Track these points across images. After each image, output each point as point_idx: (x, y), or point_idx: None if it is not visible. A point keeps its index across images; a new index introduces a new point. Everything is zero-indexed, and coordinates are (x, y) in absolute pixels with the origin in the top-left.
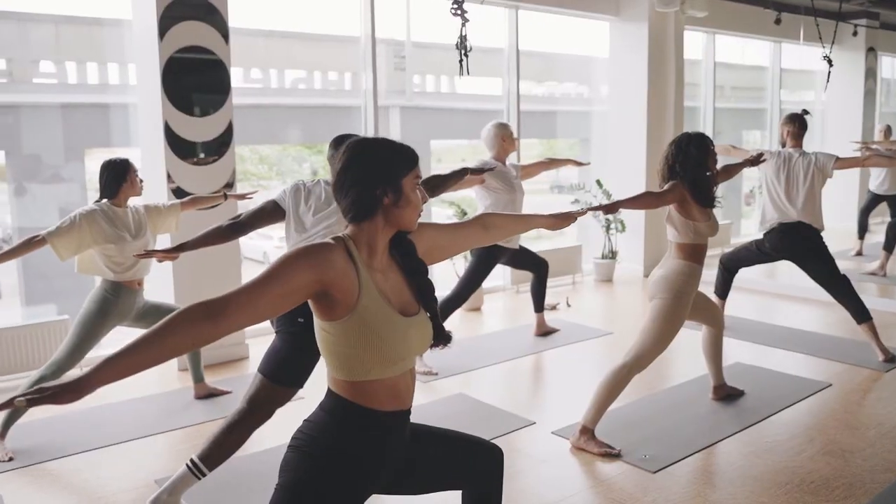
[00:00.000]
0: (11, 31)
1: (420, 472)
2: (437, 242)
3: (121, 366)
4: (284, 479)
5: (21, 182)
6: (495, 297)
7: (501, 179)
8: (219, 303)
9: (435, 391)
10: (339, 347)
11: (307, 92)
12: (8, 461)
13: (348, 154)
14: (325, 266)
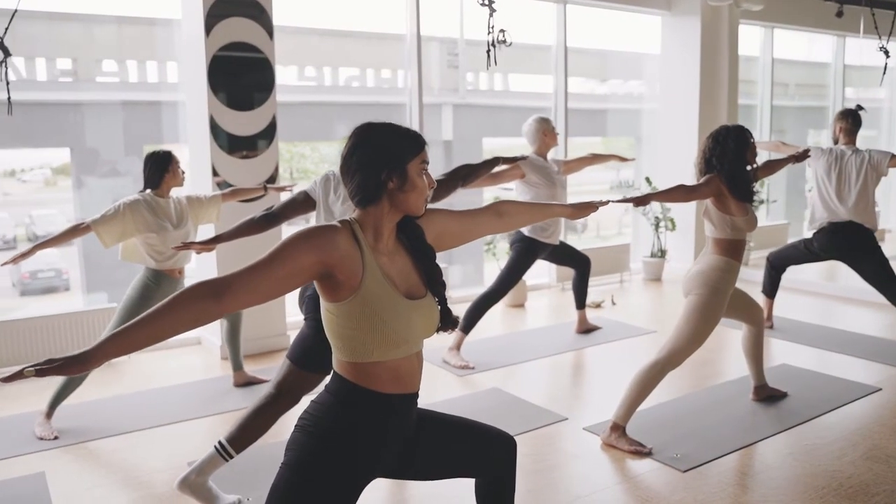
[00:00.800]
0: (77, 31)
1: (427, 459)
2: (449, 228)
3: (126, 341)
4: (288, 457)
5: (83, 176)
6: (539, 294)
7: (542, 174)
8: (223, 281)
9: (470, 385)
10: (343, 329)
11: (360, 90)
12: (53, 439)
13: (354, 139)
14: (329, 248)
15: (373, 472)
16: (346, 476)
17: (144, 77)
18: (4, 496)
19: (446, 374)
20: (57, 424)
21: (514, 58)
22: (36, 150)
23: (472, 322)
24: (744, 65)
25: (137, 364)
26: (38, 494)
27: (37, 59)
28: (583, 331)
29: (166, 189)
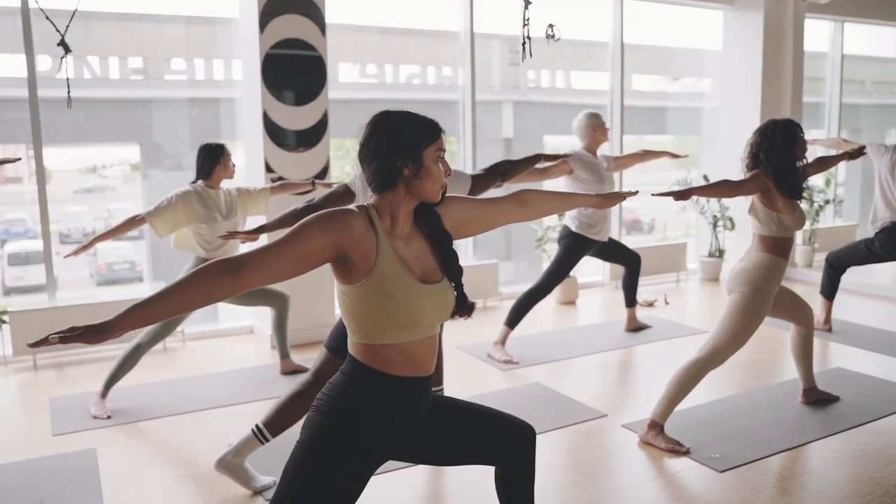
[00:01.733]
0: (147, 31)
1: (442, 444)
2: (469, 216)
3: (144, 313)
4: (303, 435)
5: (151, 171)
6: (592, 291)
7: (591, 170)
8: (239, 260)
9: (512, 379)
10: (356, 310)
11: (420, 87)
12: (106, 418)
13: (371, 126)
14: (343, 231)
15: (385, 454)
16: (357, 455)
17: (211, 75)
18: (57, 469)
19: (489, 368)
20: (111, 405)
21: (575, 55)
22: (117, 148)
23: (518, 317)
24: (811, 61)
25: (191, 351)
26: (89, 469)
27: (110, 59)
28: (632, 329)
29: (217, 180)
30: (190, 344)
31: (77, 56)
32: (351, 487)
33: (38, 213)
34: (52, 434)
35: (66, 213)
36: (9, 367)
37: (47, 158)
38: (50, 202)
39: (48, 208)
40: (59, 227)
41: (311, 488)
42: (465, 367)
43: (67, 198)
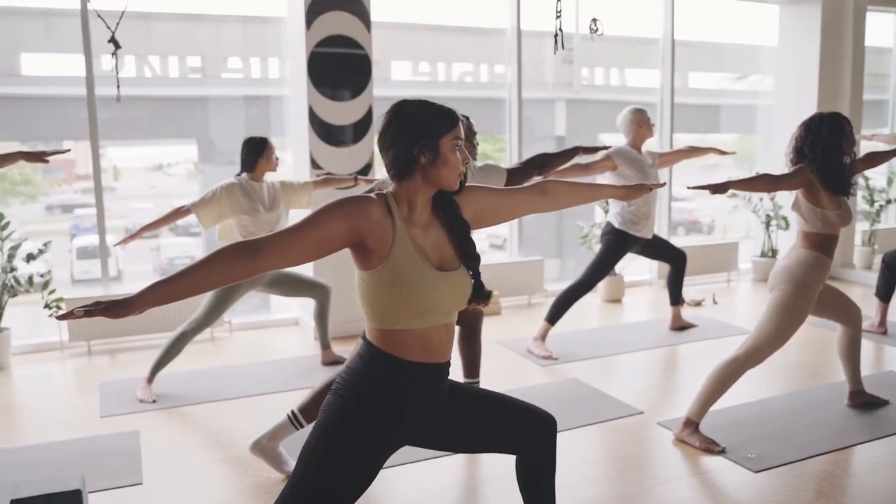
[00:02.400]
0: (205, 30)
1: (459, 431)
2: (489, 206)
3: (165, 290)
4: (320, 418)
5: (206, 167)
6: (639, 290)
7: (635, 167)
8: (258, 242)
9: (551, 374)
10: (372, 296)
11: (473, 84)
12: (152, 402)
13: (389, 115)
14: (361, 217)
15: (400, 439)
16: (371, 439)
17: (266, 73)
18: (101, 448)
19: (528, 363)
20: (157, 390)
21: (630, 52)
22: (177, 145)
23: (559, 313)
24: (872, 56)
25: (237, 340)
26: (131, 449)
27: (169, 58)
28: (676, 328)
29: (260, 173)
30: (237, 334)
31: (138, 55)
32: (365, 469)
33: (105, 206)
34: (100, 415)
35: (132, 209)
36: (65, 352)
37: (116, 157)
38: (118, 199)
39: (114, 205)
40: (125, 222)
41: (325, 469)
42: (504, 361)
43: (137, 194)
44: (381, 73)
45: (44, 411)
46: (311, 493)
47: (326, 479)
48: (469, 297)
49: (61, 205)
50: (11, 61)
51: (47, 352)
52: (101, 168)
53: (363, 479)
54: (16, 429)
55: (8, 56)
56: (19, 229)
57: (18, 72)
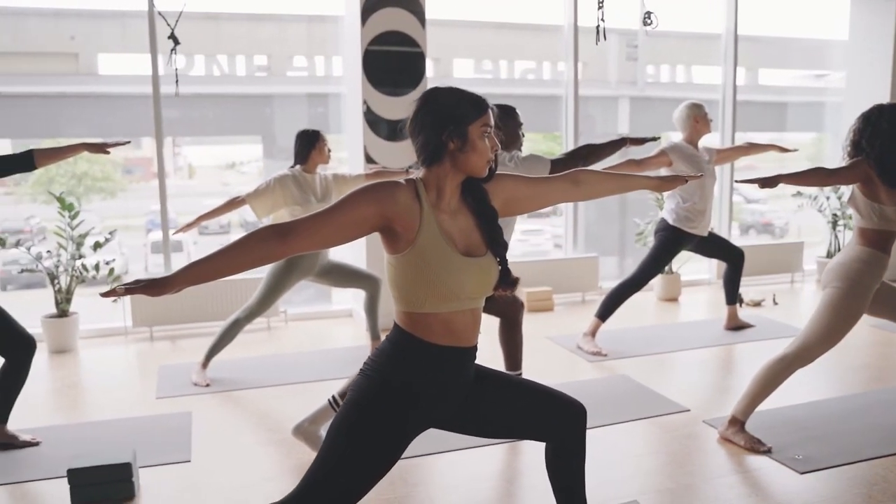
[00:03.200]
0: (271, 30)
1: (486, 415)
2: (519, 194)
3: (200, 270)
4: (347, 397)
5: (270, 162)
6: (697, 289)
7: (691, 163)
8: (289, 224)
9: (599, 370)
10: (399, 280)
11: (536, 82)
12: (205, 386)
13: (420, 101)
14: (389, 202)
15: (425, 421)
16: (395, 418)
17: (330, 71)
18: (155, 427)
19: (577, 359)
20: (211, 374)
21: (698, 48)
22: (244, 142)
23: (610, 310)
24: None
25: (292, 330)
26: (182, 429)
27: (237, 57)
28: (732, 327)
29: (313, 165)
30: (292, 324)
31: (207, 55)
32: (389, 448)
33: (181, 205)
34: (156, 397)
35: (205, 206)
36: (129, 337)
37: (191, 155)
38: (192, 195)
39: (188, 202)
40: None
41: (350, 448)
42: (553, 357)
43: (210, 191)
44: (443, 70)
45: (105, 391)
46: (338, 469)
47: (351, 456)
48: (496, 284)
49: (138, 200)
50: (90, 61)
51: (112, 336)
52: (178, 166)
53: (387, 458)
54: (79, 407)
55: (87, 56)
56: (99, 224)
57: (96, 71)
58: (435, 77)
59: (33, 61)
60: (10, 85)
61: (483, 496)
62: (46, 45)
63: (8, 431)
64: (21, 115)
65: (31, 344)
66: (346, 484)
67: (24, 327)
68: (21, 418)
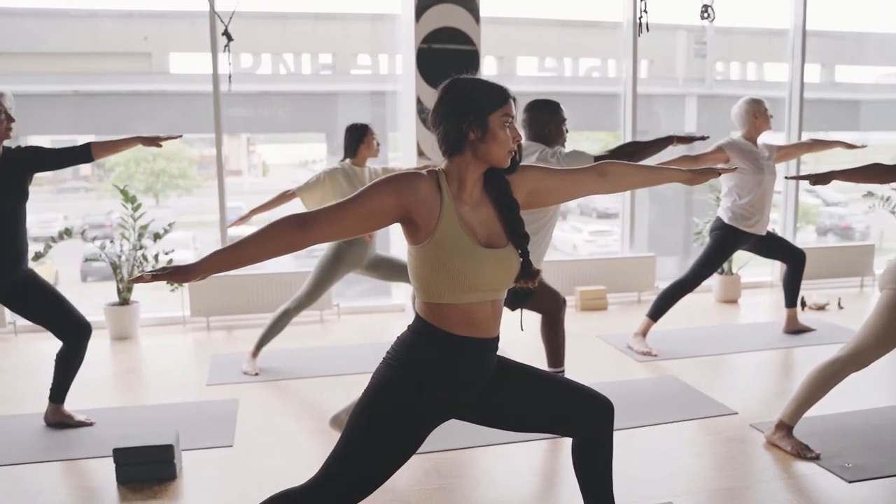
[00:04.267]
0: (337, 28)
1: (509, 408)
2: (544, 186)
3: (224, 258)
4: (369, 385)
5: (334, 160)
6: (759, 292)
7: (749, 159)
8: (309, 214)
9: (647, 370)
10: (419, 270)
11: (601, 80)
12: (255, 375)
13: (441, 92)
14: (409, 192)
15: (444, 410)
16: (414, 408)
17: (394, 69)
18: (202, 413)
19: (626, 359)
20: (261, 364)
21: (770, 45)
22: (308, 139)
23: (662, 310)
24: None
25: (344, 323)
26: (227, 415)
27: (303, 55)
28: (791, 331)
29: (362, 158)
30: (344, 317)
31: (274, 54)
32: (408, 436)
33: (255, 202)
34: (206, 384)
35: None
36: (186, 326)
37: (266, 153)
38: (267, 192)
39: (261, 200)
40: (269, 215)
41: (369, 435)
42: (602, 355)
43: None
44: (507, 68)
45: (159, 377)
46: (357, 456)
47: (370, 444)
48: (516, 276)
49: (214, 197)
50: (161, 60)
51: (171, 325)
52: (252, 164)
53: (406, 446)
54: (133, 391)
55: (159, 56)
56: (175, 219)
57: (167, 70)
58: (499, 75)
59: (108, 61)
60: (87, 84)
61: (517, 492)
62: (120, 46)
63: (64, 411)
64: (96, 113)
65: (87, 329)
66: (365, 470)
67: (82, 314)
68: (79, 400)
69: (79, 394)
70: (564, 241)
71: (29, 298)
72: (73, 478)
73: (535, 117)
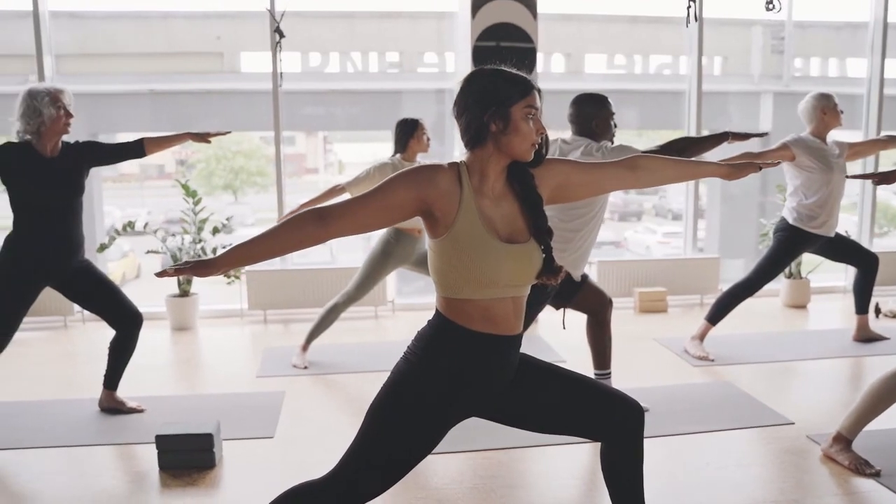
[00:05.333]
0: (404, 27)
1: (530, 407)
2: (572, 180)
3: (243, 253)
4: (387, 379)
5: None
6: (829, 297)
7: (817, 157)
8: (327, 208)
9: (702, 375)
10: (437, 264)
11: (673, 77)
12: (303, 368)
13: (463, 82)
14: (427, 185)
15: (463, 407)
16: (432, 404)
17: (460, 67)
18: (247, 404)
19: (681, 362)
20: (311, 357)
21: (853, 40)
22: (387, 141)
23: (720, 313)
24: None
25: (398, 319)
26: (272, 407)
27: (370, 54)
28: (862, 339)
29: (412, 153)
30: (399, 314)
31: (342, 52)
32: (425, 433)
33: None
34: (256, 376)
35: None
36: (244, 319)
37: (342, 151)
38: None
39: (340, 197)
40: None
41: (385, 430)
42: (656, 359)
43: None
44: (574, 66)
45: (212, 368)
46: (374, 451)
47: (387, 439)
48: (538, 272)
49: (291, 195)
50: (233, 59)
51: (229, 317)
52: (329, 162)
53: (423, 442)
54: (186, 380)
55: (231, 55)
56: (252, 216)
57: (239, 69)
58: (566, 73)
59: (183, 61)
60: (163, 83)
61: (552, 495)
62: (194, 46)
63: (117, 397)
64: (171, 111)
65: (138, 319)
66: (381, 466)
67: (134, 304)
68: (134, 387)
69: (135, 381)
70: (637, 243)
71: (84, 287)
72: (120, 461)
73: (580, 111)
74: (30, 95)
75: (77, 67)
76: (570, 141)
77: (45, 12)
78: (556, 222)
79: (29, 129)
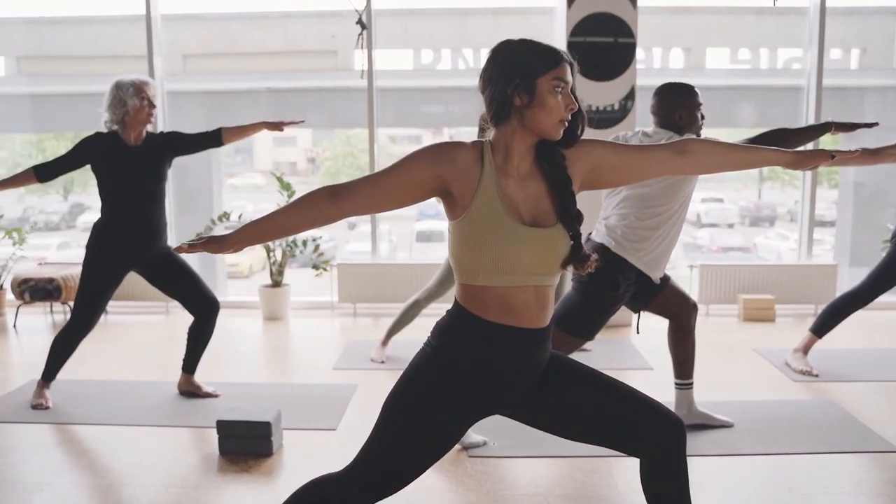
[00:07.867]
0: (515, 23)
1: (557, 411)
2: (609, 162)
3: (256, 231)
4: (404, 371)
5: None
6: None
7: None
8: (342, 186)
9: (802, 391)
10: (454, 247)
11: (802, 72)
12: (381, 363)
13: (490, 54)
14: (446, 163)
15: (482, 403)
16: (446, 397)
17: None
18: (317, 394)
19: (780, 376)
20: (390, 353)
21: None
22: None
23: (828, 325)
24: None
25: None
26: (342, 398)
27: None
28: None
29: None
30: None
31: (454, 49)
32: (440, 429)
33: None
34: (332, 367)
35: None
36: (335, 311)
37: None
38: None
39: None
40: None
41: (400, 424)
42: (753, 370)
43: None
44: (695, 60)
45: (294, 358)
46: (389, 445)
47: (402, 433)
48: (565, 260)
49: None
50: (346, 57)
51: (319, 309)
52: None
53: (439, 437)
54: (267, 368)
55: (344, 53)
56: None
57: (352, 67)
58: (685, 69)
59: (298, 59)
60: (280, 81)
61: None
62: (310, 45)
63: (194, 381)
64: (288, 108)
65: (215, 305)
66: (397, 461)
67: (212, 291)
68: (213, 372)
69: (218, 366)
70: (768, 249)
71: (166, 274)
72: (187, 442)
73: (663, 102)
74: (116, 87)
75: (201, 67)
76: (652, 133)
77: (157, 16)
78: (631, 220)
79: (115, 118)
